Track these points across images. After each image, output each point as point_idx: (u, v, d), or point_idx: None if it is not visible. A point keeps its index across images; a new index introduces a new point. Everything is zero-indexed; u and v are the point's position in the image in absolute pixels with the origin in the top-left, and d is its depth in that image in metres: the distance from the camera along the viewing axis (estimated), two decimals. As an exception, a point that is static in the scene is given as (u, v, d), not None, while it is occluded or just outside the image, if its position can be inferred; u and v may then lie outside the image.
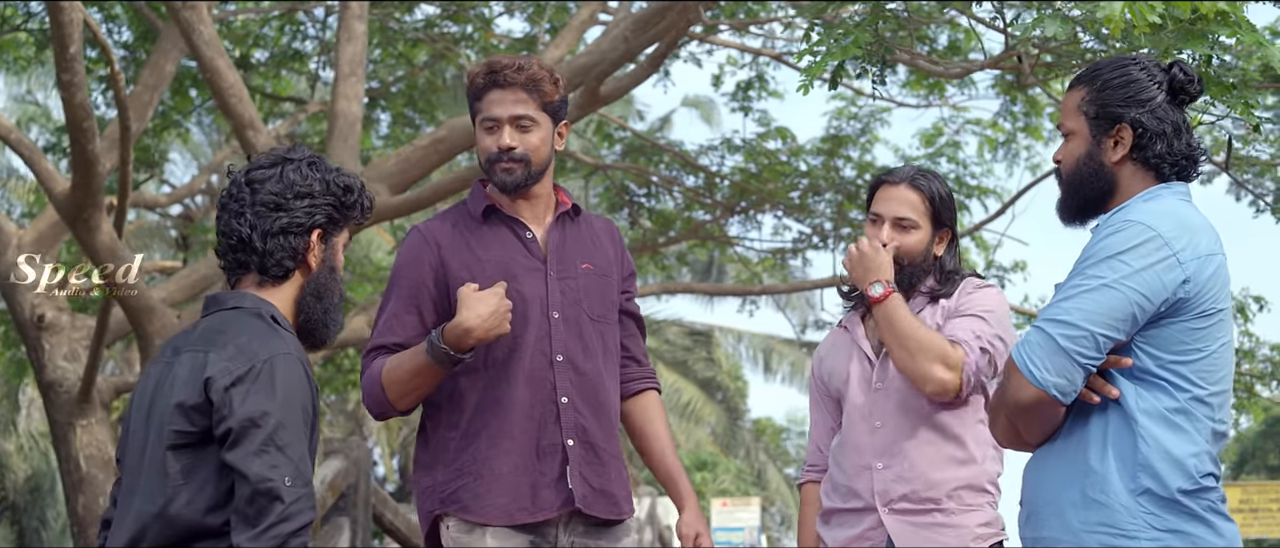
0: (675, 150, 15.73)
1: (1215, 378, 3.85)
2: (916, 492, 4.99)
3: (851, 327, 5.27)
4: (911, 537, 4.96)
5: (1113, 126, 4.01)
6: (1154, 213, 3.86)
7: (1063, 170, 4.11)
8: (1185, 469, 3.78)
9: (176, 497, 3.86)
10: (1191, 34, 6.32)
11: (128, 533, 3.91)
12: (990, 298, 5.10)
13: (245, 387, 3.82)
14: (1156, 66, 4.07)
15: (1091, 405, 3.85)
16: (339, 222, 4.15)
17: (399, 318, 4.79)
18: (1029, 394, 3.81)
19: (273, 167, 4.09)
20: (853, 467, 5.09)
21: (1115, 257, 3.79)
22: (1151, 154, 3.98)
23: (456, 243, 4.83)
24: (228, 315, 4.02)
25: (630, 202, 16.15)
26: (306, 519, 3.77)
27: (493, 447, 4.70)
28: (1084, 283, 3.80)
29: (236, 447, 3.78)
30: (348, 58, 11.49)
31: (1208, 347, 3.84)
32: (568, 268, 4.86)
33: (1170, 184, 3.99)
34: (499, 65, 4.78)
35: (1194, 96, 4.06)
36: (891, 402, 5.07)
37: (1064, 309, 3.80)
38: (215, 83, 10.43)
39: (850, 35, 6.60)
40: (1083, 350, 3.77)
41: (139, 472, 3.96)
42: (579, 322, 4.81)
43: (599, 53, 10.95)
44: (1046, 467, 3.93)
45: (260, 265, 4.06)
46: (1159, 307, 3.80)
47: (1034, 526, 3.93)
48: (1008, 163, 15.65)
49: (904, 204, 5.14)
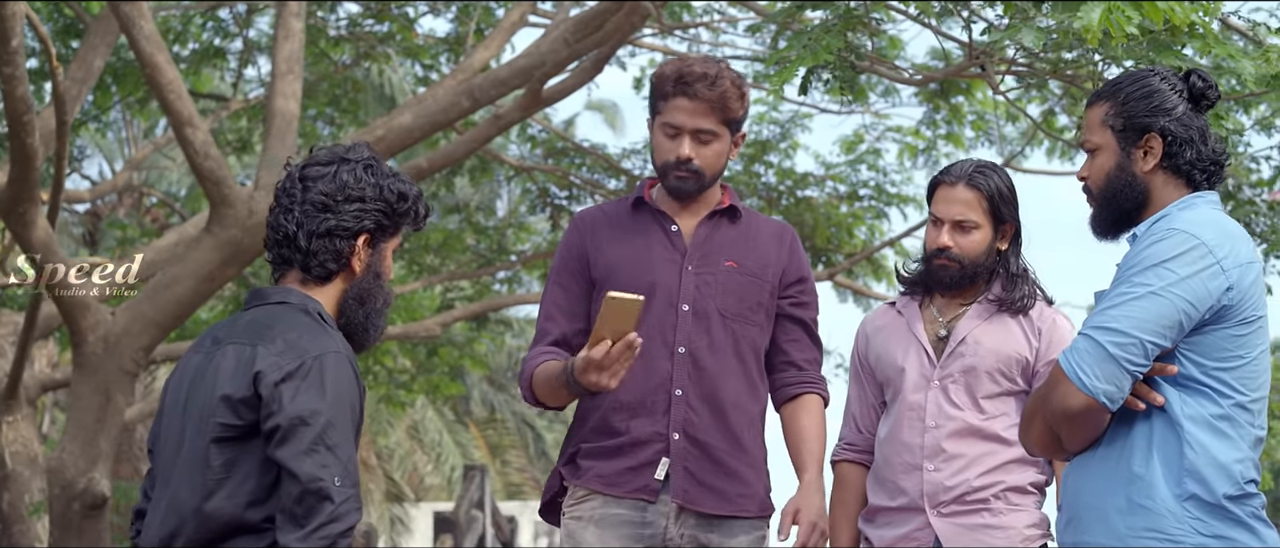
0: (598, 153, 15.74)
1: (1256, 384, 3.90)
2: (966, 494, 4.97)
3: (907, 313, 5.21)
4: (960, 539, 4.95)
5: (1141, 137, 4.05)
6: (1196, 221, 3.90)
7: (1093, 186, 4.13)
8: (1230, 475, 3.83)
9: (217, 490, 3.81)
10: (1163, 46, 6.43)
11: (166, 526, 3.86)
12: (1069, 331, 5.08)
13: (295, 383, 3.78)
14: (1175, 76, 4.12)
15: (1134, 412, 3.88)
16: (388, 229, 4.06)
17: (558, 305, 4.95)
18: (1078, 402, 3.83)
19: (329, 164, 4.02)
20: (902, 465, 5.05)
21: (1161, 264, 3.83)
22: (1182, 162, 4.03)
23: (602, 230, 4.95)
24: (274, 310, 3.97)
25: (551, 204, 16.15)
26: (354, 521, 3.75)
27: (602, 427, 4.83)
28: (1131, 290, 3.83)
29: (285, 444, 3.74)
30: (285, 56, 11.38)
31: (1248, 353, 3.89)
32: (709, 264, 4.89)
33: (1202, 192, 4.04)
34: (692, 76, 4.77)
35: (1213, 103, 4.11)
36: (946, 402, 5.04)
37: (1112, 316, 3.83)
38: (155, 79, 10.28)
39: (821, 41, 6.65)
40: (1132, 358, 3.80)
41: (175, 463, 3.91)
42: (709, 317, 4.86)
43: (538, 55, 10.92)
44: (1088, 473, 3.95)
45: (304, 264, 4.00)
46: (1203, 314, 3.84)
47: (1076, 531, 3.96)
48: (928, 171, 15.76)
49: (961, 205, 5.06)
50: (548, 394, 4.83)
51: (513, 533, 17.89)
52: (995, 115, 14.86)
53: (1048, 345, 5.05)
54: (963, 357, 5.05)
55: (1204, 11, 6.45)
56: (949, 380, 5.06)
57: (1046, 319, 5.10)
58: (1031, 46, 6.56)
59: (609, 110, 34.40)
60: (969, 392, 5.03)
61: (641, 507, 4.78)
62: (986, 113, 14.79)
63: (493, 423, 33.63)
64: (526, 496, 31.26)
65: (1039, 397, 4.01)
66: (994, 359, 5.02)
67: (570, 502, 4.88)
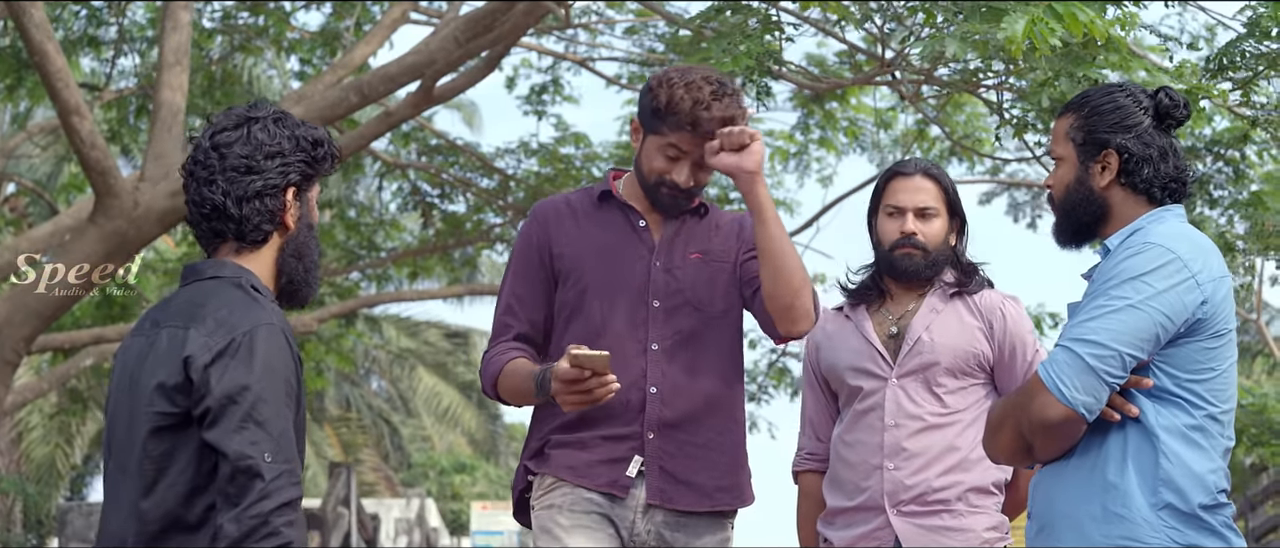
0: (473, 152, 15.71)
1: (1225, 395, 3.98)
2: (926, 494, 5.03)
3: (855, 316, 5.27)
4: (919, 539, 5.00)
5: (1099, 152, 4.11)
6: (1170, 235, 3.98)
7: (1055, 195, 4.20)
8: (1204, 485, 3.90)
9: (158, 481, 3.73)
10: (1080, 59, 6.55)
11: (131, 525, 3.78)
12: (1026, 318, 5.22)
13: (224, 362, 3.69)
14: (1143, 93, 4.18)
15: (1108, 422, 3.94)
16: (311, 177, 3.99)
17: (519, 298, 4.91)
18: (1057, 413, 3.89)
19: (237, 127, 3.92)
20: (862, 466, 5.10)
21: (1138, 278, 3.90)
22: (1140, 179, 4.10)
23: (565, 222, 4.92)
24: (207, 286, 3.87)
25: (423, 202, 16.10)
26: (288, 496, 3.65)
27: (573, 422, 4.77)
28: (1108, 304, 3.90)
29: (215, 425, 3.66)
30: (172, 47, 11.26)
31: (1219, 366, 3.96)
32: (676, 257, 4.84)
33: (1168, 207, 4.12)
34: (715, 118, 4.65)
35: (1180, 121, 4.17)
36: (906, 399, 5.09)
37: (1091, 329, 3.89)
38: (43, 67, 10.14)
39: (743, 44, 6.69)
40: (1110, 369, 3.86)
41: (128, 451, 3.81)
42: (680, 311, 4.82)
43: (428, 52, 10.89)
44: (1062, 481, 4.01)
45: (238, 232, 3.90)
46: (1179, 327, 3.91)
47: (1048, 538, 4.01)
48: (799, 175, 15.92)
49: (924, 193, 5.18)
50: (513, 393, 4.82)
51: (376, 531, 17.79)
52: (869, 122, 15.05)
53: (1005, 333, 5.16)
54: (920, 354, 5.12)
55: (1121, 26, 6.58)
56: (907, 378, 5.12)
57: (993, 306, 5.20)
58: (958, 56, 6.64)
59: (467, 109, 34.28)
60: (928, 388, 5.10)
61: (605, 499, 4.75)
62: (860, 118, 14.98)
63: (345, 421, 33.44)
64: (380, 494, 31.12)
65: (1010, 406, 4.05)
66: (951, 356, 5.09)
67: (538, 493, 4.83)
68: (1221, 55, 7.37)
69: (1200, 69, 7.25)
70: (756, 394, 16.10)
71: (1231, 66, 7.39)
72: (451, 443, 37.24)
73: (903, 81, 7.88)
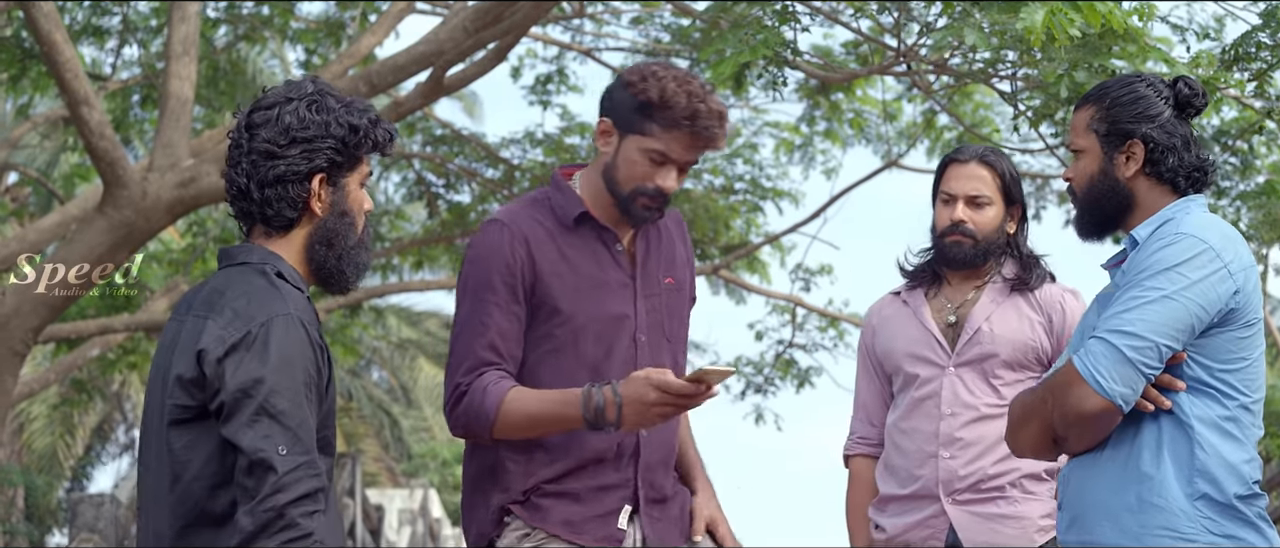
0: (478, 142, 15.68)
1: (1256, 385, 3.99)
2: (981, 482, 5.01)
3: (912, 301, 5.24)
4: (976, 528, 4.99)
5: (1124, 143, 4.10)
6: (1201, 226, 3.97)
7: (1076, 188, 4.19)
8: (1240, 475, 3.90)
9: (182, 474, 3.69)
10: (1097, 50, 6.54)
11: (164, 518, 3.75)
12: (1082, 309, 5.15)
13: (239, 355, 3.62)
14: (1161, 82, 4.18)
15: (1141, 413, 3.94)
16: (344, 164, 3.83)
17: (499, 330, 4.34)
18: (1094, 405, 3.89)
19: (271, 107, 3.80)
20: (917, 454, 5.08)
21: (1172, 269, 3.89)
22: (1165, 168, 4.09)
23: (546, 247, 4.38)
24: (233, 273, 3.80)
25: (429, 192, 16.07)
26: (306, 489, 3.58)
27: (567, 470, 4.38)
28: (1143, 295, 3.89)
29: (230, 420, 3.60)
30: (180, 38, 11.22)
31: (1250, 355, 3.97)
32: (651, 284, 4.47)
33: (1192, 196, 4.11)
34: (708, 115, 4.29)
35: (1199, 110, 4.18)
36: (963, 389, 5.07)
37: (1126, 320, 3.88)
38: (52, 57, 10.12)
39: (760, 34, 6.69)
40: (1147, 361, 3.86)
41: (155, 444, 3.78)
42: (659, 347, 4.47)
43: (437, 42, 10.85)
44: (1095, 473, 4.00)
45: (261, 216, 3.82)
46: (1213, 317, 3.91)
47: (1082, 530, 4.01)
48: (804, 166, 15.90)
49: (976, 181, 5.13)
50: (527, 423, 4.30)
51: (380, 521, 17.80)
52: (874, 114, 15.04)
53: (1064, 327, 5.12)
54: (979, 344, 5.09)
55: (1139, 16, 6.58)
56: (964, 368, 5.10)
57: (1054, 300, 5.17)
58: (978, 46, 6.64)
59: (468, 99, 34.20)
60: (985, 379, 5.08)
61: None
62: (866, 110, 14.97)
63: (346, 412, 33.37)
64: (381, 484, 31.06)
65: (1036, 400, 4.04)
66: (1010, 348, 5.07)
67: (520, 534, 4.40)
68: (1237, 46, 7.37)
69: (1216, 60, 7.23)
70: (763, 386, 16.09)
71: (1247, 57, 7.38)
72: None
73: (917, 72, 7.86)
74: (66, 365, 15.28)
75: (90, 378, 18.04)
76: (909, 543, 5.09)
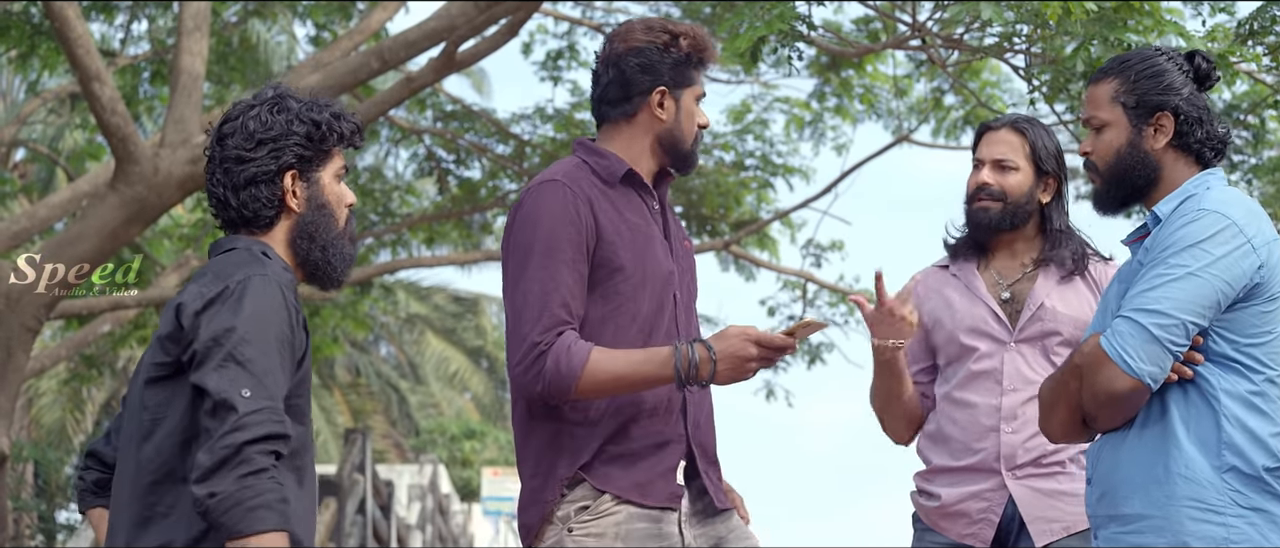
0: (489, 117, 15.68)
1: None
2: (1043, 457, 5.00)
3: (963, 275, 5.21)
4: (1036, 502, 4.98)
5: (1152, 115, 4.12)
6: (1224, 201, 3.97)
7: (1098, 162, 4.19)
8: (1268, 448, 3.91)
9: (154, 432, 3.78)
10: (1113, 23, 6.53)
11: (128, 473, 3.83)
12: None
13: (214, 309, 3.73)
14: (1180, 56, 4.20)
15: (1169, 388, 3.95)
16: (313, 158, 3.97)
17: (571, 289, 4.34)
18: (1124, 384, 3.90)
19: (236, 118, 3.96)
20: (974, 427, 5.05)
21: (1196, 245, 3.90)
22: (1193, 140, 4.10)
23: (602, 204, 4.39)
24: (223, 256, 3.93)
25: (439, 168, 16.08)
26: (266, 431, 3.62)
27: (623, 430, 4.37)
28: (1169, 272, 3.90)
29: (201, 367, 3.68)
30: (192, 13, 11.25)
31: (1275, 329, 3.97)
32: (675, 245, 4.56)
33: (1212, 171, 4.12)
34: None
35: (1214, 83, 4.21)
36: (1024, 366, 5.06)
37: (1152, 298, 3.89)
38: (64, 33, 10.13)
39: (775, 8, 6.68)
40: (1175, 339, 3.87)
41: (133, 404, 3.88)
42: (690, 306, 4.58)
43: (449, 18, 10.87)
44: (1123, 448, 4.01)
45: (242, 220, 3.96)
46: (1238, 292, 3.91)
47: (1110, 504, 4.01)
48: (814, 142, 15.89)
49: (1003, 145, 5.11)
50: (613, 382, 4.28)
51: (390, 497, 17.80)
52: (885, 89, 15.03)
53: None
54: (1041, 321, 5.07)
55: (1156, -10, 6.57)
56: (1024, 344, 5.08)
57: (1107, 279, 5.11)
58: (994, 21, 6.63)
59: (476, 75, 34.21)
60: (1046, 356, 5.05)
61: (657, 518, 4.37)
62: (876, 86, 14.96)
63: (355, 388, 33.44)
64: (389, 461, 31.11)
65: (1062, 383, 4.05)
66: (1072, 326, 5.04)
67: (585, 518, 4.34)
68: (1252, 20, 7.36)
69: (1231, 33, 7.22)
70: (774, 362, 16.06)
71: (1262, 31, 7.37)
72: (460, 408, 37.21)
73: (931, 46, 7.85)
74: (77, 341, 15.30)
75: (100, 353, 18.06)
76: (965, 512, 5.09)
